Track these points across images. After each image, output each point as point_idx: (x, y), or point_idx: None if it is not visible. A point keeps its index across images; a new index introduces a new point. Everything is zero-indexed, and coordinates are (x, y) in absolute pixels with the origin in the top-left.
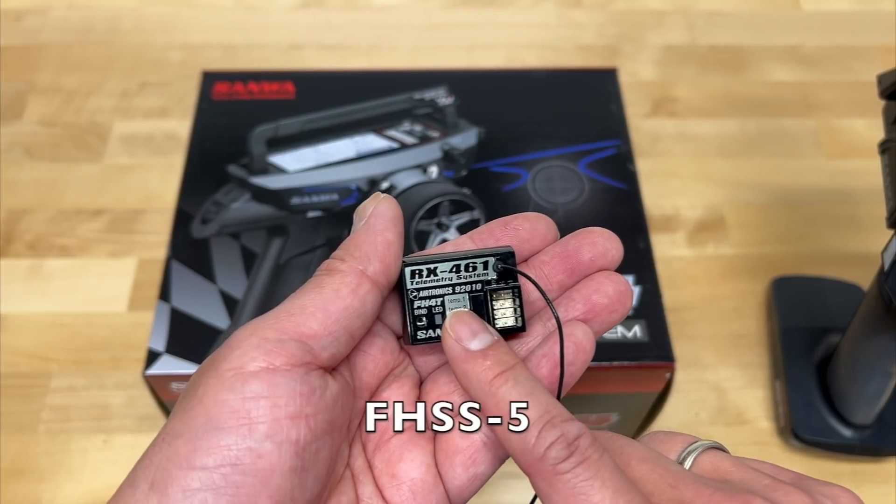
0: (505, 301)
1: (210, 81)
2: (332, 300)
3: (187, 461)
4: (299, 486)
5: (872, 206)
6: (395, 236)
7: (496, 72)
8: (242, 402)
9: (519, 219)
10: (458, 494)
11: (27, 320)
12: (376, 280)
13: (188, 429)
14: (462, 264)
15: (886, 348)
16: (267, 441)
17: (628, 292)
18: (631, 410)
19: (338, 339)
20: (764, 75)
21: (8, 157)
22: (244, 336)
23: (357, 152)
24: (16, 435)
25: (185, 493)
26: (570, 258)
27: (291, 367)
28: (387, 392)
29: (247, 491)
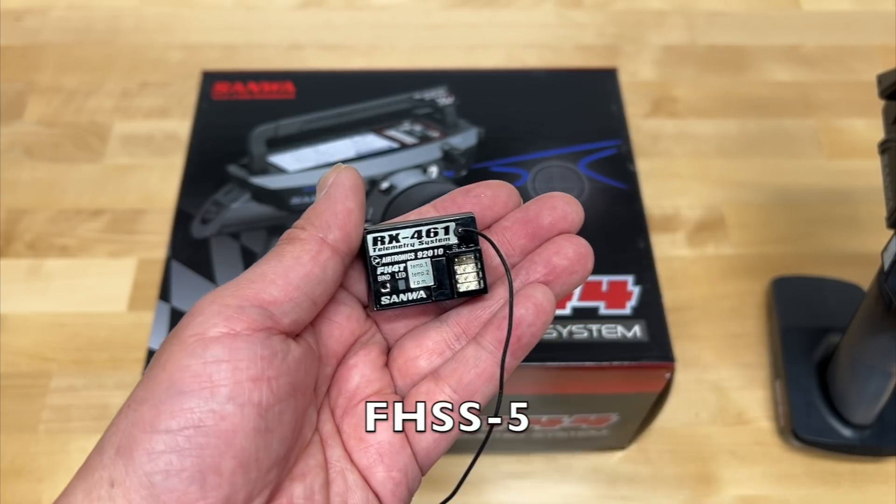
0: (467, 265)
1: (210, 81)
2: (292, 267)
3: (151, 425)
4: (264, 447)
5: (872, 206)
6: (355, 205)
7: (496, 72)
8: (204, 367)
9: (481, 186)
10: (425, 455)
11: (27, 320)
12: (337, 247)
13: (152, 394)
14: (423, 230)
15: (886, 348)
16: (229, 403)
17: (588, 253)
18: (631, 410)
19: (299, 306)
20: (764, 75)
21: (8, 157)
22: (205, 304)
23: (357, 152)
24: (16, 435)
25: (150, 456)
26: (531, 223)
27: (252, 332)
28: (354, 359)
29: (210, 452)
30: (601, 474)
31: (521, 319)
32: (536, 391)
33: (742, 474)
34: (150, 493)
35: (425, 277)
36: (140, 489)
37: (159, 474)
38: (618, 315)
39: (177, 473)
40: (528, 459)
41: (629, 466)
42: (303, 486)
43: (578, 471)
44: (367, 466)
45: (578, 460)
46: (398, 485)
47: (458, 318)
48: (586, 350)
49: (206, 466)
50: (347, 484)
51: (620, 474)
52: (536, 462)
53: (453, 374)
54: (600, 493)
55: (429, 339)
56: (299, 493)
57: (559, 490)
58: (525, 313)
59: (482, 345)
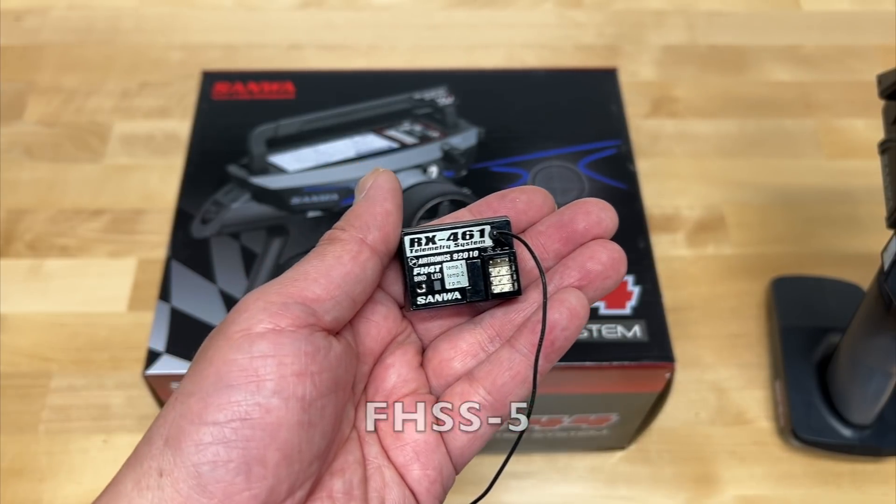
0: (501, 268)
1: (210, 81)
2: (333, 266)
3: (199, 417)
4: (307, 440)
5: (872, 206)
6: (393, 206)
7: (496, 72)
8: (250, 361)
9: (516, 191)
10: (459, 455)
11: (27, 320)
12: (376, 247)
13: (200, 388)
14: (459, 232)
15: (886, 348)
16: (274, 397)
17: (622, 259)
18: (631, 410)
19: (340, 304)
20: (764, 75)
21: (8, 157)
22: (251, 301)
23: (357, 152)
24: (16, 435)
25: (197, 447)
26: (565, 227)
27: (296, 329)
28: (391, 358)
29: (256, 444)
30: (601, 474)
31: (555, 324)
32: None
33: (742, 474)
34: (197, 482)
35: (460, 279)
36: (188, 479)
37: (206, 465)
38: (618, 315)
39: (223, 464)
40: (528, 459)
41: (629, 466)
42: (342, 481)
43: (578, 471)
44: (404, 464)
45: (578, 460)
46: (433, 482)
47: (493, 321)
48: (586, 350)
49: (252, 458)
50: (385, 480)
51: (620, 474)
52: (536, 462)
53: (487, 375)
54: (600, 493)
55: (463, 341)
56: (339, 488)
57: (559, 490)
58: (559, 317)
59: (516, 347)
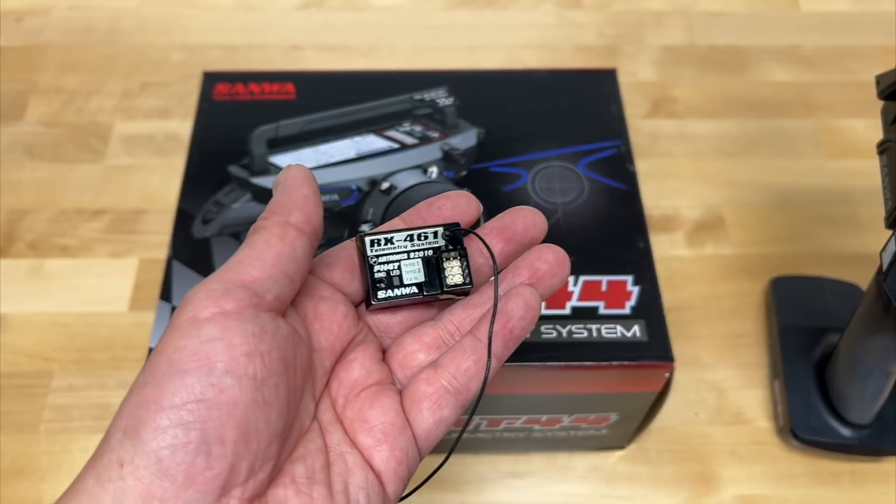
0: (453, 263)
1: (211, 82)
2: (263, 250)
3: (156, 403)
4: (263, 419)
5: (871, 206)
6: (310, 191)
7: (496, 72)
8: (200, 346)
9: (441, 198)
10: (424, 439)
11: (28, 320)
12: (300, 227)
13: (153, 377)
14: (415, 234)
15: (885, 348)
16: (226, 376)
17: (565, 259)
18: (630, 410)
19: (278, 282)
20: (763, 76)
21: (9, 157)
22: (193, 293)
23: (357, 153)
24: (17, 435)
25: (156, 433)
26: (507, 229)
27: (242, 310)
28: (353, 354)
29: (213, 423)
30: (601, 474)
31: (512, 313)
32: (536, 391)
33: (741, 474)
34: (158, 468)
35: (417, 275)
36: (149, 465)
37: (166, 449)
38: (617, 315)
39: (183, 446)
40: (527, 459)
41: (629, 466)
42: (304, 467)
43: (578, 470)
44: (371, 446)
45: (578, 460)
46: (400, 463)
47: (452, 317)
48: (586, 350)
49: (211, 437)
50: (347, 465)
51: (620, 474)
52: (536, 461)
53: (452, 361)
54: (600, 493)
55: (426, 336)
56: (301, 473)
57: (559, 489)
58: (515, 308)
59: (478, 336)
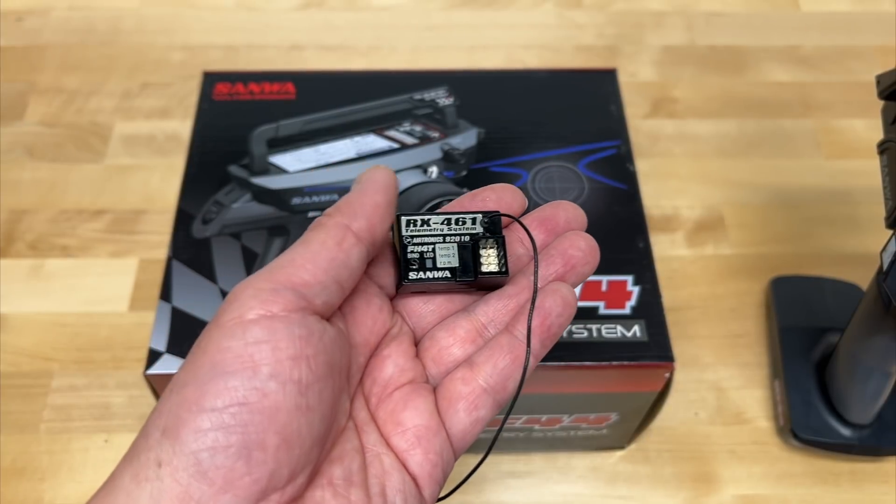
0: (490, 251)
1: (211, 82)
2: (319, 252)
3: (197, 405)
4: (306, 424)
5: (871, 206)
6: (384, 199)
7: (496, 72)
8: (245, 347)
9: (486, 191)
10: (460, 439)
11: (28, 320)
12: (360, 235)
13: (195, 377)
14: (453, 218)
15: (886, 348)
16: (271, 381)
17: (596, 247)
18: (630, 410)
19: (328, 288)
20: (763, 76)
21: (9, 157)
22: (240, 290)
23: (357, 152)
24: (17, 434)
25: (196, 435)
26: (548, 221)
27: (289, 313)
28: (387, 350)
29: (255, 428)
30: (601, 474)
31: (550, 311)
32: (536, 391)
33: (741, 474)
34: (197, 470)
35: (451, 259)
36: (188, 467)
37: (206, 451)
38: (617, 315)
39: (223, 450)
40: (527, 459)
41: (629, 466)
42: (341, 468)
43: (578, 470)
44: (405, 450)
45: (578, 460)
46: (435, 466)
47: (486, 308)
48: (586, 350)
49: (252, 442)
50: (384, 467)
51: (620, 474)
52: (536, 461)
53: (488, 360)
54: (600, 493)
55: (460, 329)
56: (338, 475)
57: (559, 489)
58: (553, 304)
59: (514, 333)
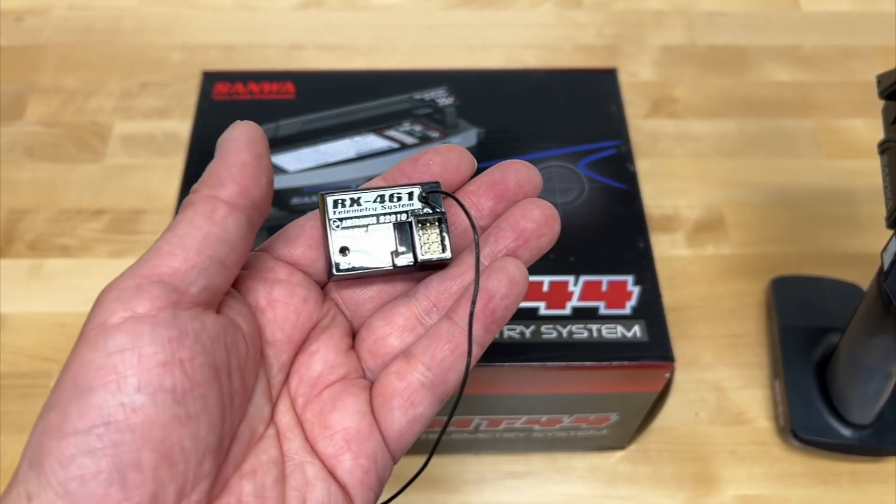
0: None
1: (210, 82)
2: (187, 233)
3: (60, 430)
4: (188, 435)
5: (872, 206)
6: (250, 157)
7: (496, 72)
8: (108, 358)
9: (429, 153)
10: (397, 440)
11: (28, 320)
12: (233, 202)
13: (58, 399)
14: (387, 194)
15: (886, 348)
16: (138, 393)
17: (554, 216)
18: (630, 410)
19: (206, 270)
20: (763, 75)
21: (8, 157)
22: (104, 292)
23: (357, 152)
24: (16, 435)
25: (61, 462)
26: (498, 185)
27: (157, 311)
28: (315, 345)
29: (126, 448)
30: (601, 474)
31: (495, 292)
32: (536, 391)
33: (741, 474)
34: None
35: (388, 243)
36: (57, 499)
37: (74, 481)
38: (617, 315)
39: (93, 476)
40: (527, 459)
41: (629, 466)
42: (252, 483)
43: (578, 470)
44: (333, 455)
45: (578, 460)
46: (367, 472)
47: (427, 292)
48: (586, 350)
49: (124, 464)
50: (307, 477)
51: (620, 474)
52: (536, 462)
53: (426, 350)
54: (600, 493)
55: (398, 316)
56: (248, 491)
57: (559, 490)
58: (498, 286)
59: (455, 320)
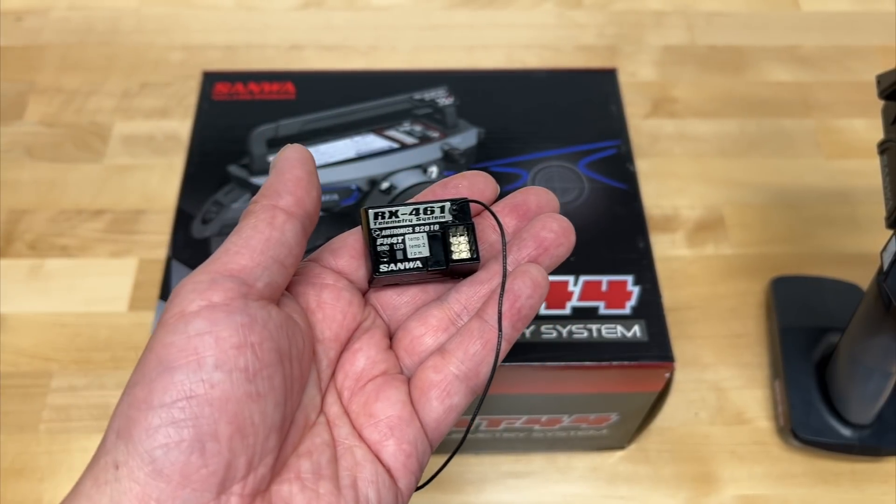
0: (460, 238)
1: (210, 82)
2: (251, 236)
3: (146, 403)
4: (258, 411)
5: (872, 207)
6: (303, 173)
7: (496, 72)
8: (188, 341)
9: (458, 178)
10: (434, 428)
11: (28, 320)
12: (290, 211)
13: (142, 376)
14: (421, 208)
15: (886, 348)
16: (216, 371)
17: (570, 228)
18: (630, 410)
19: (268, 269)
20: (763, 75)
21: (8, 157)
22: (181, 285)
23: (357, 152)
24: (16, 435)
25: (147, 432)
26: (520, 207)
27: (230, 301)
28: (358, 343)
29: (206, 420)
30: (601, 474)
31: (520, 293)
32: (536, 391)
33: (741, 474)
34: (153, 468)
35: (421, 249)
36: (143, 466)
37: (159, 448)
38: (617, 315)
39: (176, 445)
40: (528, 459)
41: (629, 466)
42: (309, 462)
43: (578, 470)
44: (378, 441)
45: (578, 460)
46: (409, 457)
47: (458, 296)
48: (586, 350)
49: (204, 434)
50: (356, 459)
51: (620, 474)
52: (536, 461)
53: (459, 346)
54: (600, 493)
55: (432, 318)
56: (306, 468)
57: (559, 489)
58: (522, 286)
59: (485, 318)
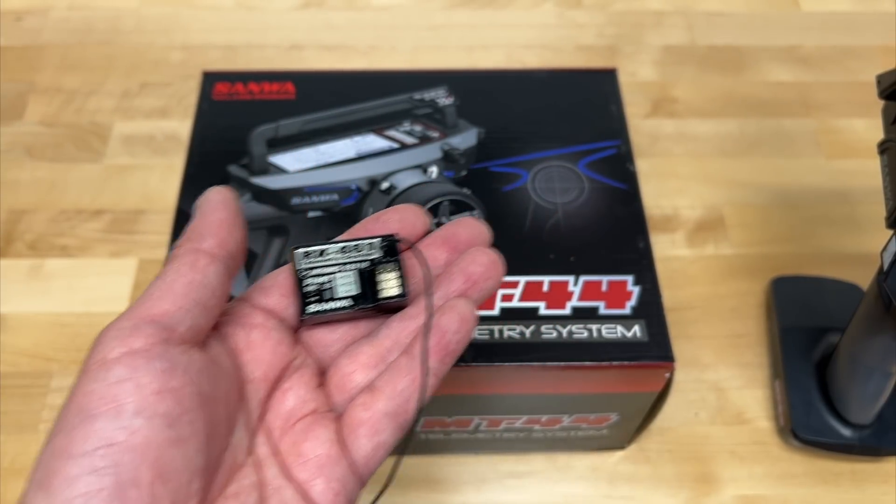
0: (389, 274)
1: (210, 82)
2: (174, 280)
3: (66, 452)
4: (180, 455)
5: (872, 206)
6: (226, 215)
7: (496, 72)
8: (108, 388)
9: (389, 212)
10: (364, 465)
11: (28, 320)
12: (213, 253)
13: (63, 425)
14: (350, 245)
15: (886, 348)
16: (136, 417)
17: (499, 261)
18: (630, 410)
19: (191, 312)
20: (763, 75)
21: (8, 157)
22: (103, 332)
23: (357, 152)
24: (16, 435)
25: (67, 481)
26: (451, 239)
27: (150, 347)
28: (288, 382)
29: (126, 467)
30: (601, 474)
31: (447, 328)
32: (536, 391)
33: (741, 474)
34: None
35: (351, 287)
36: None
37: (79, 498)
38: (617, 315)
39: (96, 493)
40: (527, 459)
41: (629, 466)
42: None
43: (578, 470)
44: (306, 480)
45: (578, 460)
46: (337, 495)
47: (389, 332)
48: (586, 350)
49: (125, 481)
50: (284, 500)
51: (620, 474)
52: (536, 462)
53: (388, 383)
54: (600, 493)
55: (363, 354)
56: None
57: (559, 490)
58: (449, 322)
59: (413, 354)
